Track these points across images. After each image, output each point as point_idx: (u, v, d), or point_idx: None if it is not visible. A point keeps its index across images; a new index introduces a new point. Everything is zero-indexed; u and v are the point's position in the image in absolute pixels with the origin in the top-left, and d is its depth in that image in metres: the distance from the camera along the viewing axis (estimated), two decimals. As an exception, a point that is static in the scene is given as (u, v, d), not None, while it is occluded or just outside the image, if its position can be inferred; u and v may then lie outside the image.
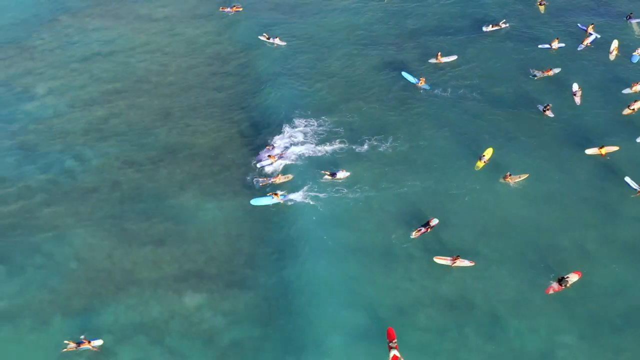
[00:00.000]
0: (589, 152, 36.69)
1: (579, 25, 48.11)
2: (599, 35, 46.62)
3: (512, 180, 35.01)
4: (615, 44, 45.35)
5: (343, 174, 35.71)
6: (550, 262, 30.79)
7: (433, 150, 37.55)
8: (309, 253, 31.61)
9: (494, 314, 28.65)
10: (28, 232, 33.11)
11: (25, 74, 45.36)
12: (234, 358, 27.42)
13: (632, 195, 33.96)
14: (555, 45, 45.86)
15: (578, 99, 40.84)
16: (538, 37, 47.35)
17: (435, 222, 32.59)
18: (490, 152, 36.70)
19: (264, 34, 48.68)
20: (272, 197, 34.39)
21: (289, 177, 35.98)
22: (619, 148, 36.54)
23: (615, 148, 36.61)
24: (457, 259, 30.58)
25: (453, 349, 27.50)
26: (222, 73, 45.69)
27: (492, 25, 48.44)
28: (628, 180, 34.66)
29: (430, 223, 32.49)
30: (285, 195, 34.53)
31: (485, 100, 41.40)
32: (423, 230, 32.19)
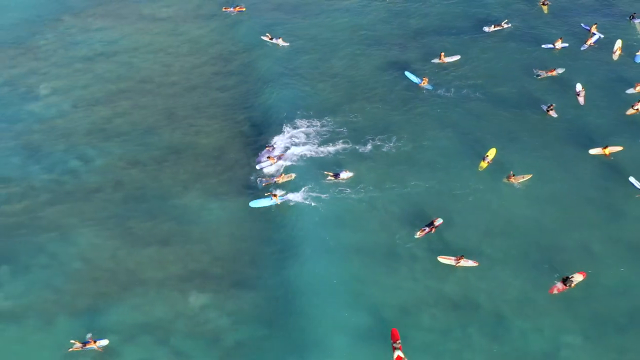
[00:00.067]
0: (593, 152, 36.67)
1: (583, 25, 48.07)
2: (603, 35, 46.61)
3: (515, 181, 34.99)
4: (619, 44, 45.33)
5: (346, 175, 35.67)
6: (554, 262, 30.76)
7: (436, 151, 37.54)
8: (312, 253, 31.58)
9: (498, 314, 28.63)
10: (32, 231, 33.10)
11: (29, 74, 45.35)
12: (239, 358, 27.41)
13: (636, 195, 33.96)
14: (559, 45, 45.83)
15: (582, 99, 40.81)
16: (541, 37, 47.32)
17: (440, 222, 32.58)
18: (494, 152, 36.68)
19: (267, 34, 48.47)
20: (271, 198, 34.30)
21: (292, 176, 35.94)
22: (623, 148, 36.55)
23: (619, 148, 36.60)
24: (461, 259, 30.58)
25: (457, 349, 27.47)
26: (225, 73, 45.67)
27: (494, 26, 48.37)
28: (632, 180, 34.64)
29: (435, 223, 32.48)
30: (284, 197, 34.44)
31: (489, 100, 41.38)
32: (427, 230, 32.18)
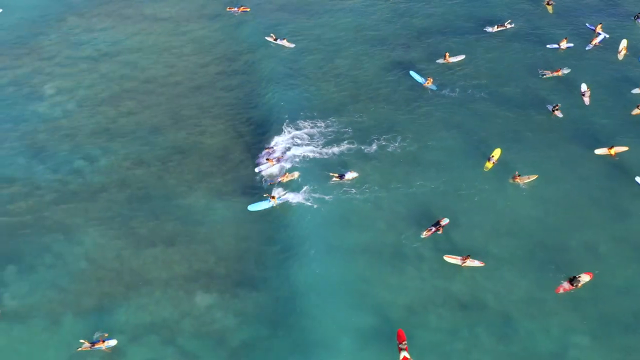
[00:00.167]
0: (599, 152, 36.59)
1: (587, 25, 47.96)
2: (608, 35, 46.48)
3: (521, 181, 34.91)
4: (624, 44, 45.21)
5: (351, 175, 35.59)
6: (561, 262, 30.71)
7: (442, 151, 37.48)
8: (318, 253, 31.56)
9: (505, 314, 28.60)
10: (37, 231, 33.08)
11: (34, 74, 45.35)
12: (245, 358, 27.38)
13: (642, 195, 33.96)
14: (564, 45, 45.73)
15: (587, 99, 40.71)
16: (546, 37, 47.21)
17: (446, 221, 32.52)
18: (499, 152, 36.60)
19: (271, 35, 48.30)
20: (269, 200, 34.09)
21: (295, 174, 35.80)
22: (629, 148, 36.48)
23: (625, 148, 36.52)
24: (467, 259, 30.52)
25: (464, 349, 27.44)
26: (229, 73, 45.62)
27: (497, 26, 48.23)
28: (638, 180, 34.56)
29: (441, 223, 32.43)
30: (283, 198, 34.25)
31: (494, 100, 41.30)
32: (433, 230, 32.13)
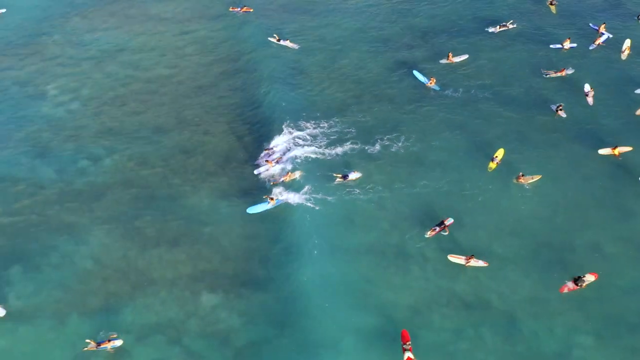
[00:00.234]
0: (602, 152, 36.61)
1: (591, 25, 47.96)
2: (611, 35, 46.49)
3: (525, 181, 34.93)
4: (628, 44, 45.23)
5: (355, 175, 35.63)
6: (565, 262, 30.75)
7: (445, 151, 37.52)
8: (322, 253, 31.58)
9: (509, 314, 28.64)
10: (43, 231, 33.15)
11: (38, 75, 45.44)
12: (250, 358, 27.43)
13: (646, 195, 33.97)
14: (567, 45, 45.73)
15: (590, 99, 40.71)
16: (549, 37, 47.23)
17: (450, 221, 32.56)
18: (502, 152, 36.62)
19: (275, 36, 48.24)
20: (267, 202, 34.09)
21: (297, 173, 35.86)
22: (633, 148, 36.51)
23: (629, 148, 36.55)
24: (471, 259, 30.57)
25: (468, 350, 27.49)
26: (232, 73, 45.66)
27: (499, 26, 48.23)
28: (642, 180, 34.69)
29: (445, 223, 32.48)
30: (280, 199, 34.25)
31: (497, 101, 41.31)
32: (438, 230, 32.18)
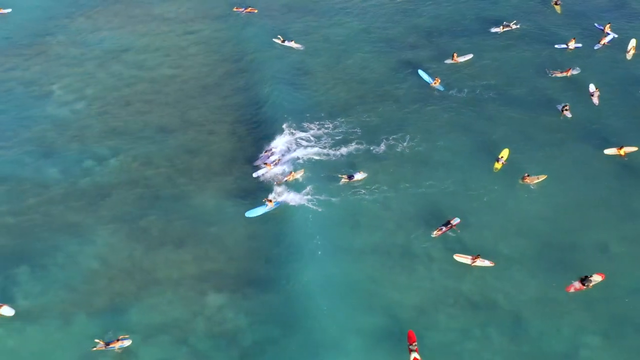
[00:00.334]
0: (608, 152, 36.55)
1: (596, 25, 47.89)
2: (617, 35, 46.41)
3: (530, 181, 34.88)
4: (633, 43, 45.17)
5: (361, 176, 35.59)
6: (571, 262, 30.71)
7: (451, 151, 37.50)
8: (328, 254, 31.55)
9: (516, 314, 28.60)
10: (49, 231, 33.12)
11: (43, 75, 45.45)
12: (256, 358, 27.39)
13: (652, 195, 33.91)
14: (572, 45, 45.68)
15: (596, 99, 40.64)
16: (554, 37, 47.21)
17: (457, 221, 32.53)
18: (507, 152, 36.57)
19: (279, 37, 48.14)
20: (266, 204, 33.96)
21: (301, 172, 35.85)
22: (638, 148, 36.47)
23: (635, 148, 36.53)
24: (477, 258, 30.53)
25: (475, 350, 27.43)
26: (236, 74, 45.64)
27: (502, 27, 48.18)
28: (648, 180, 34.61)
29: (452, 222, 32.44)
30: (279, 201, 34.21)
31: (502, 100, 41.30)
32: (444, 230, 32.14)
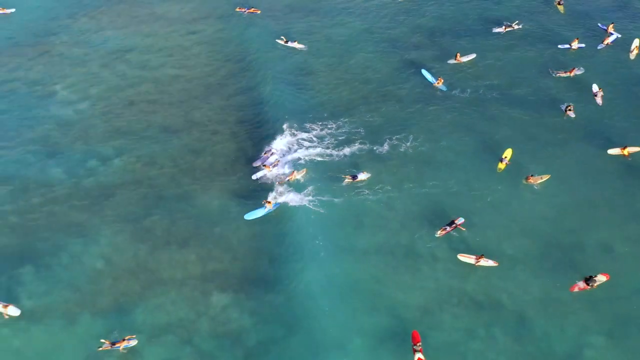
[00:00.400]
0: (612, 152, 36.54)
1: (599, 25, 47.89)
2: (620, 35, 46.40)
3: (534, 181, 34.88)
4: (636, 43, 45.17)
5: (364, 176, 35.59)
6: (575, 262, 30.69)
7: (454, 151, 37.51)
8: (332, 254, 31.56)
9: (520, 314, 28.58)
10: (53, 231, 33.13)
11: (47, 75, 45.49)
12: (260, 358, 27.41)
13: (656, 196, 33.88)
14: (575, 45, 45.67)
15: (599, 100, 40.63)
16: (557, 37, 47.23)
17: (461, 220, 32.52)
18: (510, 152, 36.58)
19: (282, 37, 48.10)
20: (265, 206, 33.91)
21: (303, 172, 35.83)
22: (642, 148, 36.51)
23: (638, 148, 36.50)
24: (480, 258, 30.53)
25: (479, 350, 27.40)
26: (239, 74, 45.67)
27: (504, 27, 48.17)
28: (652, 180, 34.59)
29: (456, 222, 32.45)
30: (278, 203, 34.09)
31: (505, 100, 41.31)
32: (448, 229, 32.14)
